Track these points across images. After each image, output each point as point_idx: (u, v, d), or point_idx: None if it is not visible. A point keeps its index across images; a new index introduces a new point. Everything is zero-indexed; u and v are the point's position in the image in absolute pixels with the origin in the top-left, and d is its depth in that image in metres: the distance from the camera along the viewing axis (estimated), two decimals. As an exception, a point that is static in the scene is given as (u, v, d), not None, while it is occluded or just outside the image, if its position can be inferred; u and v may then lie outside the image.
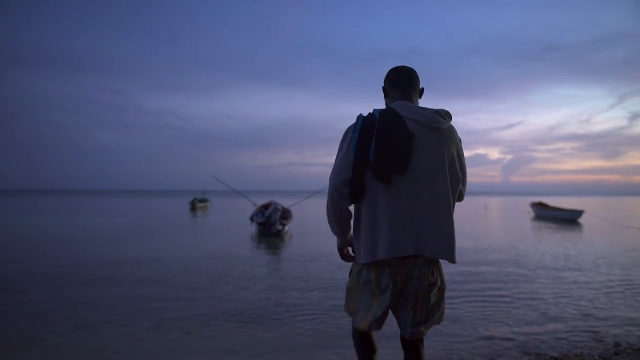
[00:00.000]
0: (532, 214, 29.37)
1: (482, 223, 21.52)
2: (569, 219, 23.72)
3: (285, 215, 16.46)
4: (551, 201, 31.09)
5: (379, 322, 1.80)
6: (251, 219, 16.42)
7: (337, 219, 1.79)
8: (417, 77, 1.87)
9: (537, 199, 33.82)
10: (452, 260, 1.75)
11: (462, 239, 12.64)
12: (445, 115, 1.77)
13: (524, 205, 41.16)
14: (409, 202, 1.69)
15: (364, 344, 1.95)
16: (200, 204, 36.16)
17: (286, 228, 15.83)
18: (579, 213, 23.55)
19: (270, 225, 15.01)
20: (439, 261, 1.82)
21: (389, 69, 1.91)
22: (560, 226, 19.92)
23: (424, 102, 1.95)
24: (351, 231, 1.87)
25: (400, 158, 1.66)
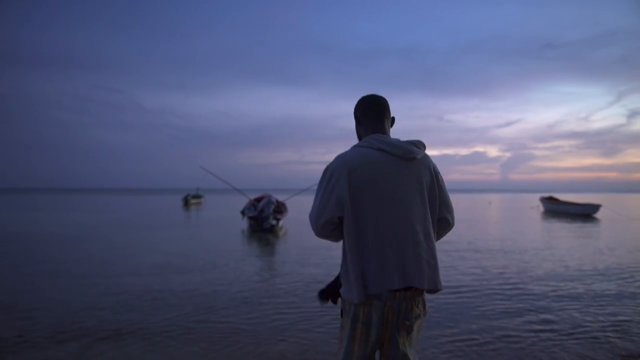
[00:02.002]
0: (541, 208, 28.71)
1: (503, 221, 20.73)
2: (585, 213, 22.90)
3: (280, 209, 15.13)
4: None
5: None
6: (242, 213, 15.32)
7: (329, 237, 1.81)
8: (388, 106, 1.87)
9: (536, 196, 32.95)
10: (437, 288, 1.74)
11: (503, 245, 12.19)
12: (420, 145, 1.76)
13: (526, 202, 40.81)
14: (393, 233, 1.67)
15: None
16: (193, 200, 35.62)
17: (280, 223, 14.48)
18: (596, 207, 22.72)
19: (262, 219, 13.66)
20: (423, 292, 1.77)
21: (361, 97, 1.87)
22: (584, 222, 18.90)
23: (424, 98, 0.93)
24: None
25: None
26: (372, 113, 1.83)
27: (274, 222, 13.61)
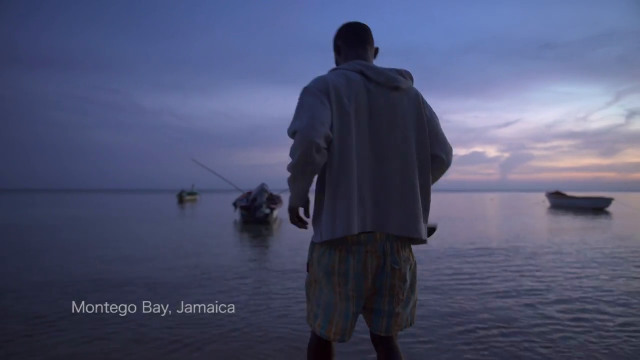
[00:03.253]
0: (547, 204, 28.48)
1: (514, 217, 19.86)
2: (596, 207, 22.41)
3: (274, 200, 14.14)
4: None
5: (351, 326, 1.49)
6: (234, 204, 14.57)
7: (308, 175, 1.42)
8: (372, 34, 1.67)
9: (536, 195, 33.06)
10: (417, 237, 1.51)
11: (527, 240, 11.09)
12: (406, 74, 1.59)
13: (527, 200, 40.62)
14: (371, 171, 1.47)
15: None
16: (188, 197, 34.96)
17: (274, 213, 13.55)
18: (608, 201, 22.28)
19: (255, 208, 12.70)
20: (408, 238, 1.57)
21: (342, 24, 1.67)
22: (598, 216, 18.18)
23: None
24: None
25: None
26: (354, 40, 1.63)
27: (267, 210, 12.64)
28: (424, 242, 1.56)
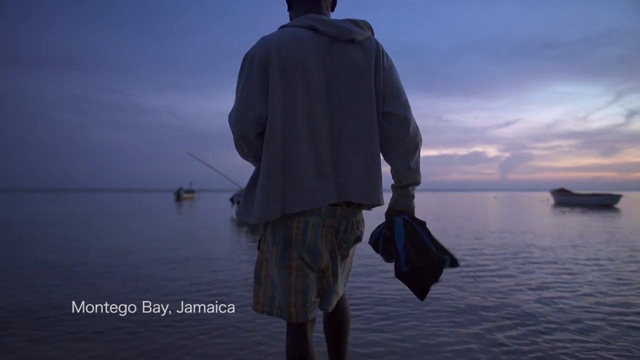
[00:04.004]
0: (552, 201, 28.21)
1: (527, 217, 18.96)
2: (604, 204, 22.03)
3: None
4: (547, 197, 29.95)
5: (311, 301, 1.38)
6: (232, 200, 14.08)
7: (253, 156, 1.39)
8: None
9: (537, 194, 33.19)
10: (375, 202, 1.40)
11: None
12: (363, 25, 1.44)
13: (529, 198, 40.80)
14: (323, 134, 1.35)
15: (304, 357, 1.39)
16: (186, 195, 34.55)
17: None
18: (617, 198, 21.90)
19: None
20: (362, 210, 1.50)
21: None
22: (608, 212, 17.74)
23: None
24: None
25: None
26: None
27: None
28: (380, 205, 1.45)
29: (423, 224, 1.40)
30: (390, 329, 2.98)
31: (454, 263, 1.32)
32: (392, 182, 1.45)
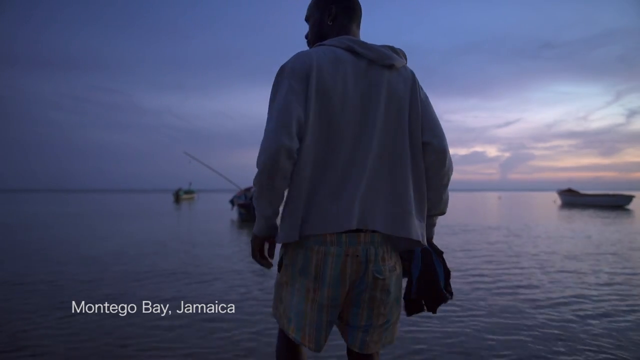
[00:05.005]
0: (559, 201, 27.62)
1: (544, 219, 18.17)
2: (615, 204, 21.43)
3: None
4: (549, 197, 29.75)
5: (324, 336, 1.31)
6: (232, 202, 13.77)
7: (277, 191, 1.24)
8: None
9: (538, 194, 33.12)
10: (409, 235, 1.29)
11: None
12: (399, 52, 1.42)
13: (533, 198, 41.45)
14: (357, 159, 1.29)
15: None
16: (185, 195, 34.10)
17: (278, 210, 12.52)
18: (629, 198, 21.24)
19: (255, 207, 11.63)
20: (393, 242, 1.36)
21: None
22: (622, 213, 17.36)
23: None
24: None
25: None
26: (353, 14, 1.45)
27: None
28: (417, 243, 1.35)
29: (441, 253, 1.46)
30: None
31: (451, 296, 1.44)
32: None
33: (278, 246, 1.39)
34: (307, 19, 1.51)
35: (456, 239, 8.42)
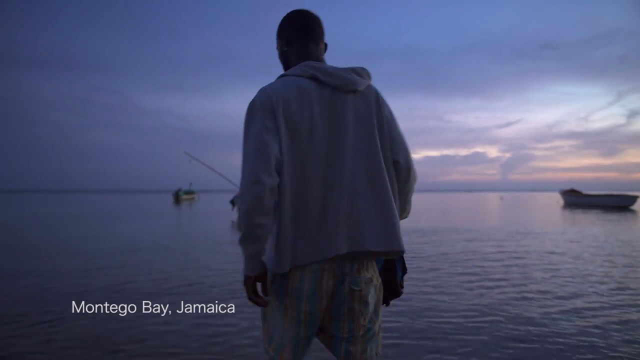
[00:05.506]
0: (561, 202, 27.39)
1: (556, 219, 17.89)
2: (619, 205, 21.19)
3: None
4: (551, 197, 29.74)
5: (302, 351, 1.37)
6: (232, 202, 13.63)
7: (264, 230, 1.25)
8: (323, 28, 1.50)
9: (540, 195, 33.15)
10: (401, 248, 1.35)
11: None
12: (363, 73, 1.42)
13: (535, 199, 41.05)
14: (333, 186, 1.32)
15: None
16: (185, 196, 33.89)
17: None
18: (634, 199, 20.99)
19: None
20: (374, 255, 1.38)
21: (289, 12, 1.51)
22: (627, 214, 17.15)
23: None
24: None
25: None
26: (309, 34, 1.44)
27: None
28: (400, 253, 1.38)
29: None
30: None
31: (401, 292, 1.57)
32: None
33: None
34: (277, 49, 1.54)
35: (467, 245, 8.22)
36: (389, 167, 1.40)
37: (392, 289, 1.53)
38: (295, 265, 1.28)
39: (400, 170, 1.42)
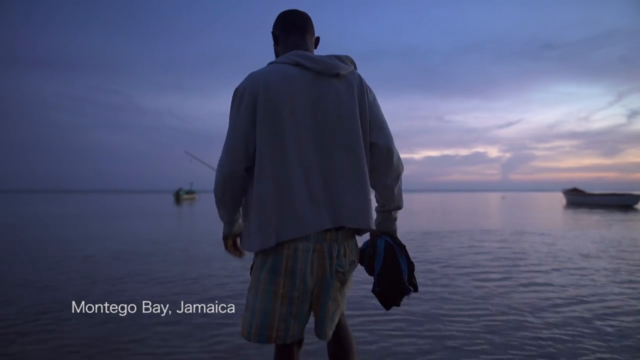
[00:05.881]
0: (564, 201, 27.47)
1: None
2: (623, 204, 21.03)
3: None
4: (552, 197, 29.83)
5: (295, 326, 1.43)
6: None
7: (233, 202, 1.49)
8: (312, 23, 1.61)
9: (540, 195, 33.28)
10: (367, 226, 1.48)
11: None
12: (346, 60, 1.52)
13: (539, 199, 40.85)
14: (314, 165, 1.42)
15: None
16: (186, 196, 33.64)
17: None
18: (637, 198, 20.84)
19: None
20: (354, 234, 1.53)
21: (280, 13, 1.62)
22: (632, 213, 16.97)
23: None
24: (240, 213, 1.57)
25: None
26: (292, 29, 1.55)
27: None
28: (371, 230, 1.51)
29: (403, 247, 1.56)
30: None
31: (415, 289, 1.54)
32: (376, 205, 1.57)
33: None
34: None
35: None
36: (367, 149, 1.48)
37: (396, 285, 1.50)
38: (280, 241, 1.36)
39: (381, 152, 1.48)
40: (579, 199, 25.01)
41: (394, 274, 1.51)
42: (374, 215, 1.52)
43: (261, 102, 1.37)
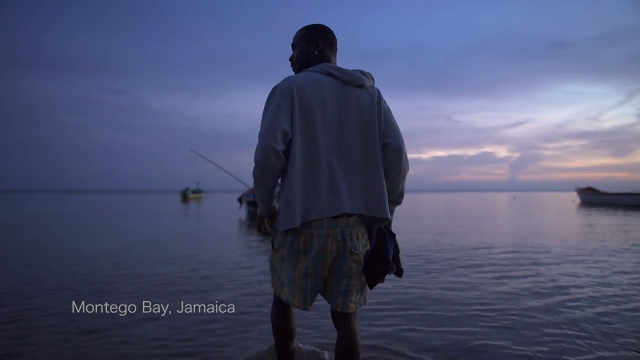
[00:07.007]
0: (578, 200, 26.68)
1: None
2: (638, 204, 20.43)
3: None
4: (563, 197, 29.32)
5: (310, 299, 1.70)
6: (240, 200, 13.31)
7: (269, 182, 1.64)
8: None
9: (549, 195, 32.65)
10: (386, 216, 1.69)
11: None
12: (368, 75, 1.79)
13: (545, 199, 40.14)
14: (336, 159, 1.67)
15: (283, 326, 1.84)
16: (193, 195, 33.65)
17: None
18: None
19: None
20: (364, 222, 1.74)
21: (320, 25, 1.85)
22: None
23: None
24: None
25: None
26: (331, 47, 1.82)
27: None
28: (387, 220, 1.71)
29: (393, 236, 1.78)
30: None
31: (399, 273, 1.75)
32: None
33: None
34: (293, 46, 1.83)
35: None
36: (381, 149, 1.70)
37: (380, 262, 1.67)
38: (305, 221, 1.58)
39: (393, 151, 1.69)
40: (593, 198, 24.39)
41: (380, 254, 1.68)
42: (388, 205, 1.69)
43: (296, 100, 1.59)
